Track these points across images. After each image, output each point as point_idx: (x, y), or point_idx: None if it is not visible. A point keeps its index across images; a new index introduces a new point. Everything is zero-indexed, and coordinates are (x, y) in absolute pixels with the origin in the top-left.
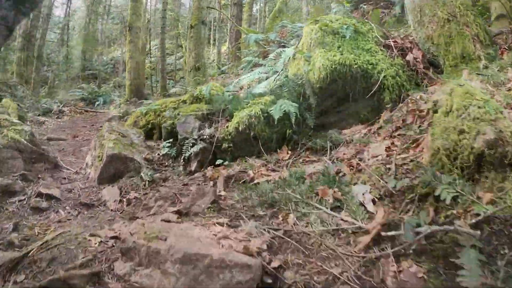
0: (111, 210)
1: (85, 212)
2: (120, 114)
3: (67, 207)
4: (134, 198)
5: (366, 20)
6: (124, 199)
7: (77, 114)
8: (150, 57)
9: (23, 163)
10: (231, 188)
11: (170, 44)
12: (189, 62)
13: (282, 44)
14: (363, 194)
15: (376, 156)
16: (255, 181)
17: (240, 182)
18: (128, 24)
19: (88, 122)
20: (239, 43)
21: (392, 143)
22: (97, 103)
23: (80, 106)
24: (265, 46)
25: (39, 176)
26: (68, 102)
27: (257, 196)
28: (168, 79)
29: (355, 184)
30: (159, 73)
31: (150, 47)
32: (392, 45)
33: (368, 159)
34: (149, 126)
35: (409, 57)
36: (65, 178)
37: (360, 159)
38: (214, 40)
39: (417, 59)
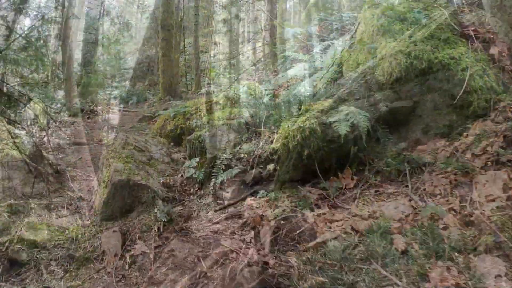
0: (108, 272)
1: (73, 273)
2: (151, 114)
3: (52, 262)
4: (140, 255)
5: (435, 5)
6: (127, 255)
7: (108, 114)
8: (185, 55)
9: (21, 184)
10: (281, 247)
11: (204, 41)
12: (222, 59)
13: (322, 38)
14: (495, 278)
15: (492, 200)
16: (318, 239)
17: (295, 233)
18: (160, 22)
19: (118, 123)
20: (275, 38)
21: (509, 177)
22: (130, 101)
23: (113, 105)
24: (303, 41)
25: (32, 206)
26: (100, 102)
27: (328, 277)
28: (204, 76)
29: (474, 250)
30: (194, 70)
31: (184, 44)
32: (472, 34)
33: (480, 202)
34: (178, 131)
35: (494, 50)
36: (64, 208)
37: (462, 198)
38: (249, 37)
39: (503, 53)
